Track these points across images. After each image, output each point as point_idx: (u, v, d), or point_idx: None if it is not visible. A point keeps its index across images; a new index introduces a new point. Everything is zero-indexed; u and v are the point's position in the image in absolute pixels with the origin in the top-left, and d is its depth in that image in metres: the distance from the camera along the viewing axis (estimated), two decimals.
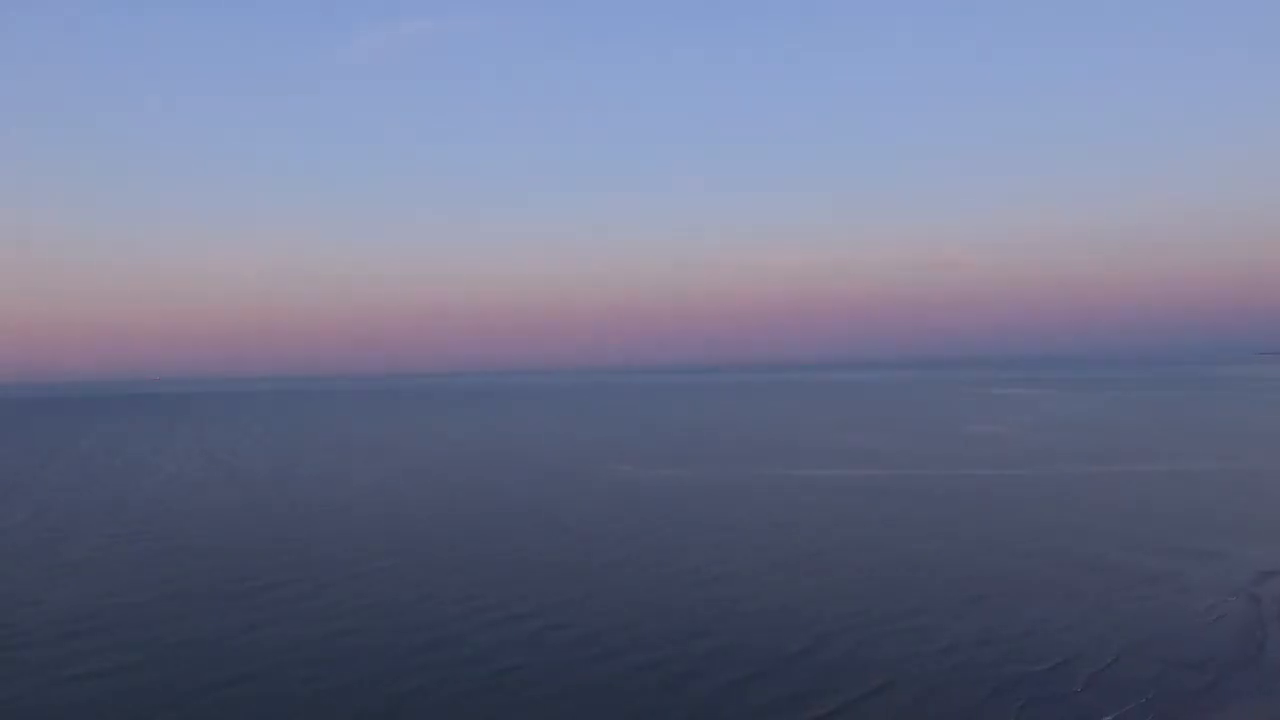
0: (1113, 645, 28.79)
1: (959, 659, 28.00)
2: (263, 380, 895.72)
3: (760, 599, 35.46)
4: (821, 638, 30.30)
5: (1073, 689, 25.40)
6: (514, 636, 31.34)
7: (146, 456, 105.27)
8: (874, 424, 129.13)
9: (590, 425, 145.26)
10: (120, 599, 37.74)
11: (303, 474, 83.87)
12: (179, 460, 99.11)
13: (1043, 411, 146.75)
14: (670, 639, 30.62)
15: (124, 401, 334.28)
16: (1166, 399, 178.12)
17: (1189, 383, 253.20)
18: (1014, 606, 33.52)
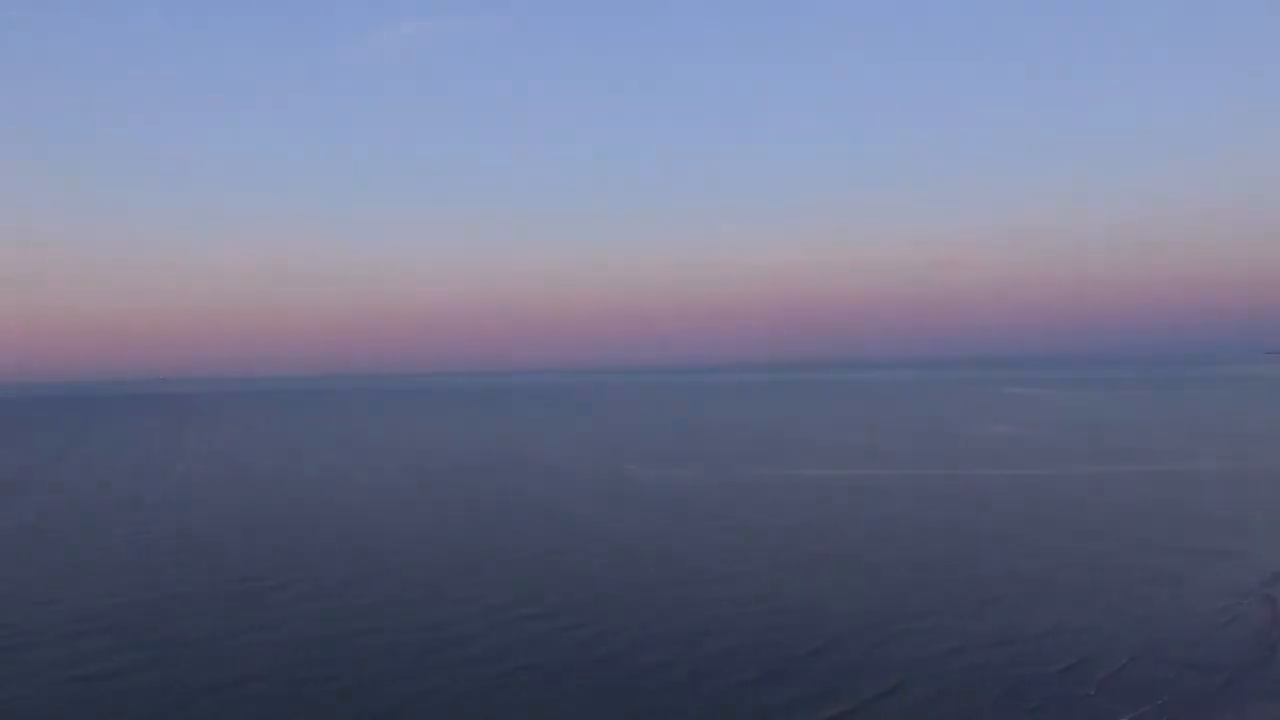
0: (1126, 647, 28.50)
1: (970, 660, 27.73)
2: (265, 380, 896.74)
3: (767, 599, 35.20)
4: (830, 638, 30.03)
5: (1086, 691, 25.11)
6: (519, 637, 31.10)
7: (149, 456, 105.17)
8: (876, 424, 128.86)
9: (592, 425, 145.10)
10: (124, 599, 37.55)
11: (306, 474, 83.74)
12: (182, 460, 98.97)
13: (1046, 411, 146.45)
14: (677, 639, 30.36)
15: (127, 402, 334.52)
16: (1172, 399, 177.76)
17: (1195, 382, 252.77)
18: (1024, 607, 33.25)
